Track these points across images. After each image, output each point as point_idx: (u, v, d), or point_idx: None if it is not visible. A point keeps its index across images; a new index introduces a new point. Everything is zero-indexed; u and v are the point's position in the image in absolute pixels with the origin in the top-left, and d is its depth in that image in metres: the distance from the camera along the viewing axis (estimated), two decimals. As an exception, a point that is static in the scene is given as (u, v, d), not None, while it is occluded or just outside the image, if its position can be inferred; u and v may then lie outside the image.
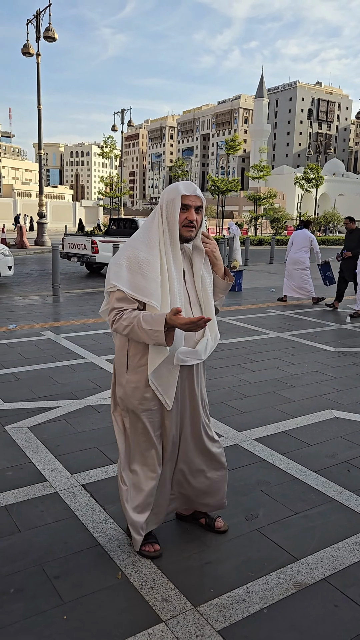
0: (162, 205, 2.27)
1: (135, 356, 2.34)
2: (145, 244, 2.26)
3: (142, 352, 2.32)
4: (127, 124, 41.16)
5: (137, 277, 2.22)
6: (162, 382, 2.32)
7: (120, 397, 2.43)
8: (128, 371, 2.37)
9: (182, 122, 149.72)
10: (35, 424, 4.09)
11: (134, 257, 2.24)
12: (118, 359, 2.43)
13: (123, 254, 2.29)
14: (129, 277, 2.23)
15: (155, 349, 2.26)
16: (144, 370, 2.33)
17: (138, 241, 2.29)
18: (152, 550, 2.52)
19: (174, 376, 2.32)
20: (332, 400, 4.84)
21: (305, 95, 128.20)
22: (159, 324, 2.12)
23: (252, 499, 3.07)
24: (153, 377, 2.30)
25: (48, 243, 25.31)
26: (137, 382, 2.35)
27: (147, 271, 2.22)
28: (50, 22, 22.52)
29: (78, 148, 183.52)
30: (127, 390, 2.37)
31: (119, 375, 2.43)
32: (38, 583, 2.33)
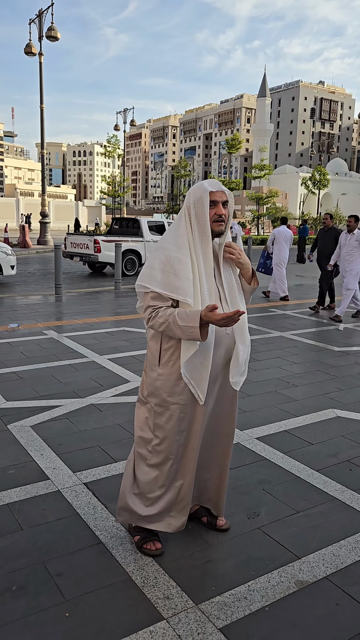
0: (190, 205, 2.34)
1: (167, 350, 2.39)
2: (174, 245, 2.33)
3: (174, 346, 2.37)
4: (129, 124, 41.15)
5: (170, 277, 2.28)
6: (195, 375, 2.35)
7: (149, 389, 2.47)
8: (160, 364, 2.42)
9: (184, 121, 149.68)
10: (37, 422, 4.10)
11: (166, 258, 2.31)
12: (151, 352, 2.48)
13: (155, 256, 2.36)
14: (162, 278, 2.30)
15: (188, 343, 2.31)
16: (175, 364, 2.37)
17: (167, 242, 2.36)
18: (154, 549, 2.53)
19: (206, 369, 2.35)
20: (334, 399, 4.84)
21: (308, 94, 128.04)
22: (194, 320, 2.19)
23: (254, 497, 3.08)
24: (185, 370, 2.34)
25: (50, 242, 25.34)
26: (168, 376, 2.39)
27: (179, 270, 2.28)
28: (53, 22, 22.54)
29: (80, 148, 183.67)
30: (157, 383, 2.42)
31: (150, 368, 2.47)
32: (40, 581, 2.34)
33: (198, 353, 2.31)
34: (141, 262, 15.11)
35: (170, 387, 2.39)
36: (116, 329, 7.72)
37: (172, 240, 2.35)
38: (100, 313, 9.00)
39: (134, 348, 6.53)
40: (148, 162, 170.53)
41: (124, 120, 41.94)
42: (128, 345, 6.71)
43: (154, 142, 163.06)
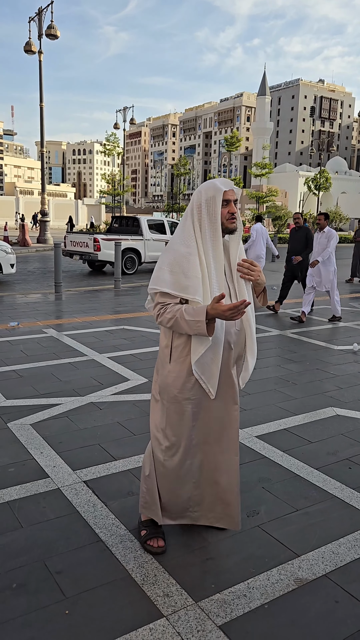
0: (201, 204, 2.34)
1: (178, 347, 2.42)
2: (182, 245, 2.35)
3: (184, 343, 2.40)
4: (129, 122, 41.12)
5: (179, 277, 2.31)
6: (205, 371, 2.38)
7: (161, 386, 2.50)
8: (171, 361, 2.44)
9: (184, 120, 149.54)
10: (37, 420, 4.10)
11: (174, 259, 2.34)
12: (162, 349, 2.51)
13: (164, 258, 2.38)
14: (171, 278, 2.32)
15: (197, 339, 2.34)
16: (186, 361, 2.40)
17: (175, 243, 2.38)
18: (156, 546, 2.54)
19: (216, 365, 2.38)
20: (334, 397, 4.85)
21: (307, 93, 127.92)
22: (201, 314, 2.22)
23: (254, 495, 3.08)
24: (196, 366, 2.36)
25: (50, 241, 25.32)
26: (178, 372, 2.42)
27: (187, 269, 2.30)
28: (53, 20, 22.51)
29: (80, 146, 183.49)
30: (169, 379, 2.45)
31: (162, 365, 2.50)
32: (40, 578, 2.34)
33: (209, 350, 2.34)
34: (141, 260, 15.11)
35: (181, 384, 2.42)
36: (116, 327, 7.72)
37: (179, 241, 2.37)
38: (100, 311, 9.00)
39: (133, 346, 6.53)
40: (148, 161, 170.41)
41: (124, 119, 41.90)
42: (128, 343, 6.72)
43: (153, 141, 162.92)
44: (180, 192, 55.09)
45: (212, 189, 2.34)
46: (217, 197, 2.32)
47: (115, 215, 18.88)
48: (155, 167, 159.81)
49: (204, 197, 2.34)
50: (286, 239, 35.35)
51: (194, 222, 2.36)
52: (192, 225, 2.36)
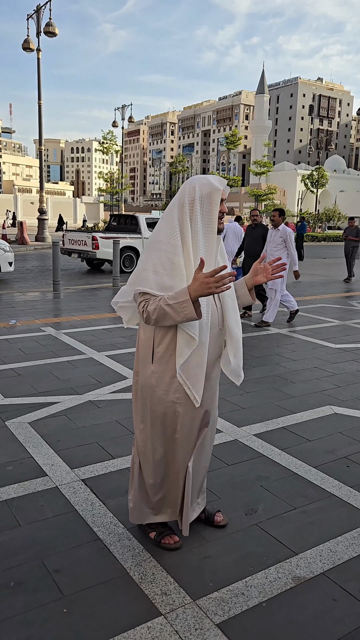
0: (194, 201, 2.24)
1: (160, 347, 2.33)
2: (166, 243, 2.24)
3: (168, 343, 2.31)
4: (127, 120, 41.06)
5: (164, 278, 2.22)
6: (191, 376, 2.31)
7: (143, 386, 2.42)
8: (153, 362, 2.36)
9: (182, 118, 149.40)
10: (35, 419, 4.10)
11: (158, 259, 2.24)
12: (143, 349, 2.40)
13: (147, 258, 2.28)
14: (155, 279, 2.23)
15: (183, 340, 2.26)
16: (169, 362, 2.32)
17: (159, 242, 2.26)
18: (172, 542, 2.55)
19: (202, 370, 2.31)
20: (332, 396, 4.85)
21: (306, 91, 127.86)
22: (184, 294, 2.12)
23: (252, 494, 3.08)
24: (181, 370, 2.29)
25: (49, 239, 25.29)
26: (162, 373, 2.34)
27: (170, 270, 2.22)
28: (51, 17, 22.46)
29: (79, 144, 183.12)
30: (152, 380, 2.37)
31: (143, 365, 2.41)
32: (38, 577, 2.34)
33: (194, 353, 2.27)
34: (139, 259, 15.10)
35: (166, 385, 2.35)
36: (114, 325, 7.72)
37: (163, 238, 2.26)
38: (98, 310, 8.99)
39: (132, 345, 6.53)
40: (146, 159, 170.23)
41: (122, 117, 41.85)
42: (126, 342, 6.71)
43: (152, 139, 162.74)
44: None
45: (209, 186, 2.24)
46: (215, 195, 2.24)
47: (113, 214, 18.87)
48: (153, 165, 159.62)
49: (198, 193, 2.24)
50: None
51: (182, 218, 2.25)
52: (178, 220, 2.25)
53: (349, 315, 9.21)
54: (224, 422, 4.11)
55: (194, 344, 2.25)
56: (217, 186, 2.25)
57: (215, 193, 2.25)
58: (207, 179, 2.28)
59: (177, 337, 2.28)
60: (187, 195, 2.26)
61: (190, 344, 2.25)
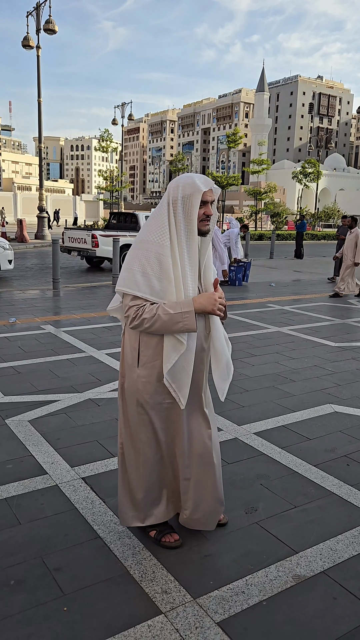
0: (177, 200, 2.21)
1: (146, 351, 2.31)
2: (154, 242, 2.21)
3: (153, 347, 2.30)
4: (127, 118, 40.99)
5: (152, 281, 2.19)
6: (177, 380, 2.30)
7: (129, 390, 2.40)
8: (139, 366, 2.34)
9: (182, 116, 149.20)
10: (35, 417, 4.10)
11: (146, 259, 2.20)
12: (129, 352, 2.38)
13: (135, 256, 2.23)
14: (143, 281, 2.20)
15: (170, 345, 2.24)
16: (155, 366, 2.31)
17: (148, 242, 2.23)
18: (172, 541, 2.54)
19: (188, 374, 2.31)
20: (332, 394, 4.85)
21: (306, 89, 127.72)
22: (188, 305, 2.14)
23: (252, 492, 3.08)
24: (168, 374, 2.28)
25: (48, 237, 25.27)
26: (148, 377, 2.33)
27: (159, 272, 2.19)
28: (51, 15, 22.41)
29: (78, 142, 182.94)
30: (138, 384, 2.35)
31: (129, 369, 2.39)
32: (38, 575, 2.34)
33: (181, 357, 2.26)
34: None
35: (152, 389, 2.34)
36: (114, 323, 7.71)
37: (152, 239, 2.22)
38: (98, 308, 8.98)
39: (131, 343, 6.52)
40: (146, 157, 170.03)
41: (122, 115, 41.78)
42: (126, 340, 6.70)
43: (152, 137, 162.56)
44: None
45: (191, 186, 2.20)
46: (195, 197, 2.20)
47: (113, 212, 18.85)
48: (153, 163, 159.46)
49: (180, 193, 2.21)
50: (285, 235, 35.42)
51: (169, 217, 2.22)
52: (167, 219, 2.22)
53: (349, 313, 9.20)
54: (224, 420, 4.10)
55: (181, 348, 2.24)
56: (200, 187, 2.20)
57: (196, 194, 2.20)
58: (192, 178, 2.23)
59: (163, 341, 2.26)
60: (171, 194, 2.24)
61: (178, 349, 2.24)
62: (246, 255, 19.82)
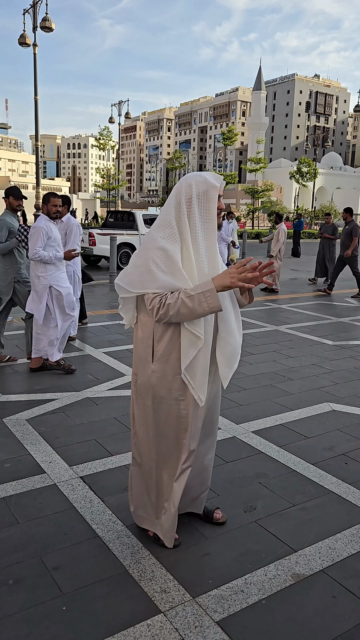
0: (191, 199, 2.21)
1: (160, 345, 2.31)
2: (166, 243, 2.20)
3: (168, 340, 2.29)
4: (124, 116, 40.89)
5: (166, 277, 2.19)
6: (196, 377, 2.29)
7: (143, 387, 2.40)
8: (154, 361, 2.34)
9: (179, 114, 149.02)
10: (33, 416, 4.09)
11: (159, 258, 2.19)
12: (142, 349, 2.38)
13: (147, 256, 2.22)
14: (160, 277, 2.18)
15: (188, 340, 2.23)
16: (169, 360, 2.30)
17: (158, 241, 2.22)
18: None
19: (206, 371, 2.30)
20: (330, 393, 4.85)
21: (303, 88, 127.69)
22: (207, 284, 2.13)
23: (251, 491, 3.08)
24: (187, 371, 2.27)
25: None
26: (162, 372, 2.32)
27: (170, 268, 2.19)
28: (47, 12, 22.33)
29: (75, 140, 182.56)
30: (152, 380, 2.35)
31: (142, 365, 2.38)
32: (37, 574, 2.33)
33: (199, 354, 2.25)
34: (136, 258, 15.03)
35: (168, 383, 2.32)
36: (111, 322, 7.70)
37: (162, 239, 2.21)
38: (96, 306, 8.97)
39: (129, 341, 6.51)
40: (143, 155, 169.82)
41: (119, 113, 41.69)
42: (124, 338, 6.69)
43: (148, 135, 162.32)
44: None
45: (205, 183, 2.21)
46: (212, 192, 2.21)
47: (110, 210, 18.82)
48: (150, 161, 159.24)
49: (194, 191, 2.21)
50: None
51: (180, 217, 2.21)
52: (175, 219, 2.22)
53: (346, 312, 9.21)
54: (223, 419, 4.10)
55: (199, 343, 2.23)
56: (214, 183, 2.22)
57: (212, 190, 2.22)
58: (203, 176, 2.25)
59: (181, 337, 2.25)
60: (183, 194, 2.23)
61: (196, 344, 2.23)
62: (243, 254, 19.84)
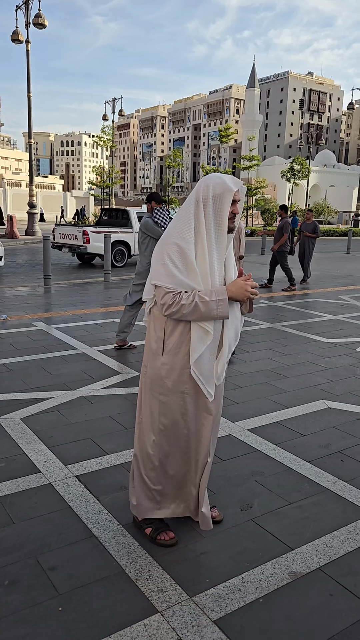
0: (207, 198, 2.27)
1: (171, 339, 2.38)
2: (180, 238, 2.27)
3: (179, 335, 2.36)
4: (118, 114, 40.77)
5: (181, 273, 2.27)
6: (204, 372, 2.36)
7: (153, 379, 2.45)
8: (164, 353, 2.40)
9: (173, 112, 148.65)
10: (27, 415, 4.06)
11: (174, 253, 2.27)
12: (154, 341, 2.44)
13: (162, 252, 2.30)
14: (174, 274, 2.26)
15: (197, 336, 2.32)
16: (178, 353, 2.37)
17: (173, 236, 2.29)
18: (168, 539, 2.54)
19: (213, 365, 2.38)
20: (325, 390, 4.86)
21: (296, 85, 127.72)
22: (222, 292, 2.26)
23: (247, 489, 3.07)
24: (195, 366, 2.34)
25: (39, 233, 25.11)
26: (171, 364, 2.39)
27: (183, 265, 2.26)
28: (40, 9, 22.22)
29: (68, 137, 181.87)
30: (162, 372, 2.41)
31: (153, 357, 2.45)
32: (33, 575, 2.32)
33: (207, 349, 2.33)
34: (130, 253, 15.02)
35: (176, 376, 2.39)
36: (106, 320, 7.67)
37: (176, 233, 2.29)
38: (90, 304, 8.94)
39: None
40: (137, 153, 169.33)
41: (113, 110, 41.56)
42: (118, 337, 6.66)
43: (142, 133, 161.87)
44: (170, 185, 54.79)
45: (222, 186, 2.27)
46: (227, 196, 2.27)
47: (104, 208, 18.77)
48: (144, 159, 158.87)
49: (211, 192, 2.28)
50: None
51: (197, 214, 2.28)
52: (193, 217, 2.29)
53: (340, 309, 9.23)
54: (218, 417, 4.09)
55: (209, 338, 2.32)
56: (231, 187, 2.28)
57: (228, 194, 2.28)
58: (222, 179, 2.31)
59: (191, 332, 2.34)
60: (201, 193, 2.30)
61: (205, 340, 2.32)
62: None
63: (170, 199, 42.51)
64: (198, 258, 2.28)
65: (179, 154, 53.28)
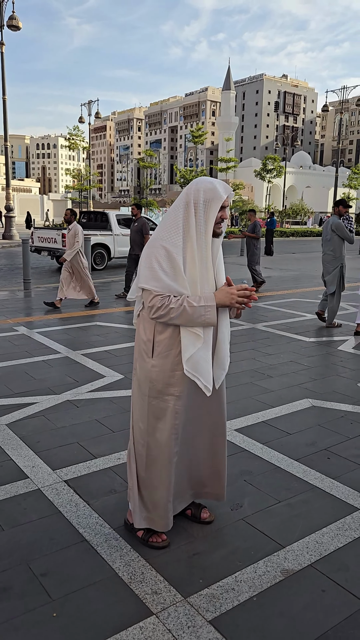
0: (198, 203, 2.28)
1: (161, 342, 2.37)
2: (168, 242, 2.27)
3: (168, 337, 2.36)
4: (94, 116, 40.62)
5: (168, 280, 2.26)
6: (200, 370, 2.36)
7: (142, 381, 2.45)
8: (153, 356, 2.40)
9: (149, 114, 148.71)
10: (13, 420, 4.02)
11: (162, 257, 2.26)
12: (142, 344, 2.44)
13: (150, 255, 2.28)
14: (163, 278, 2.26)
15: (188, 339, 2.32)
16: (169, 356, 2.37)
17: (163, 240, 2.28)
18: (160, 541, 2.54)
19: (209, 363, 2.39)
20: (309, 389, 4.91)
21: (271, 87, 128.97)
22: (210, 299, 2.27)
23: (236, 489, 3.09)
24: (189, 366, 2.34)
25: (16, 237, 24.86)
26: (162, 366, 2.39)
27: (171, 269, 2.26)
28: (14, 11, 22.05)
29: (44, 140, 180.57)
30: (152, 374, 2.41)
31: (143, 360, 2.45)
32: (25, 581, 2.29)
33: (201, 349, 2.34)
34: (110, 256, 14.96)
35: (166, 378, 2.39)
36: (89, 323, 7.63)
37: (166, 238, 2.28)
38: (71, 308, 8.88)
39: (107, 343, 6.47)
40: (113, 155, 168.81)
41: (89, 113, 41.39)
42: (101, 340, 6.65)
43: (119, 135, 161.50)
44: (148, 187, 54.76)
45: (212, 191, 2.28)
46: (216, 202, 2.29)
47: (83, 210, 18.66)
48: (121, 161, 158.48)
49: (202, 197, 2.28)
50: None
51: (187, 218, 2.28)
52: (183, 219, 2.29)
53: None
54: (205, 418, 4.10)
55: (199, 342, 2.32)
56: (221, 194, 2.30)
57: (217, 201, 2.29)
58: (213, 184, 2.32)
59: (181, 336, 2.34)
60: (192, 197, 2.30)
61: (196, 343, 2.33)
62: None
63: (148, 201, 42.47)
64: (187, 263, 2.28)
65: (153, 153, 53.29)
